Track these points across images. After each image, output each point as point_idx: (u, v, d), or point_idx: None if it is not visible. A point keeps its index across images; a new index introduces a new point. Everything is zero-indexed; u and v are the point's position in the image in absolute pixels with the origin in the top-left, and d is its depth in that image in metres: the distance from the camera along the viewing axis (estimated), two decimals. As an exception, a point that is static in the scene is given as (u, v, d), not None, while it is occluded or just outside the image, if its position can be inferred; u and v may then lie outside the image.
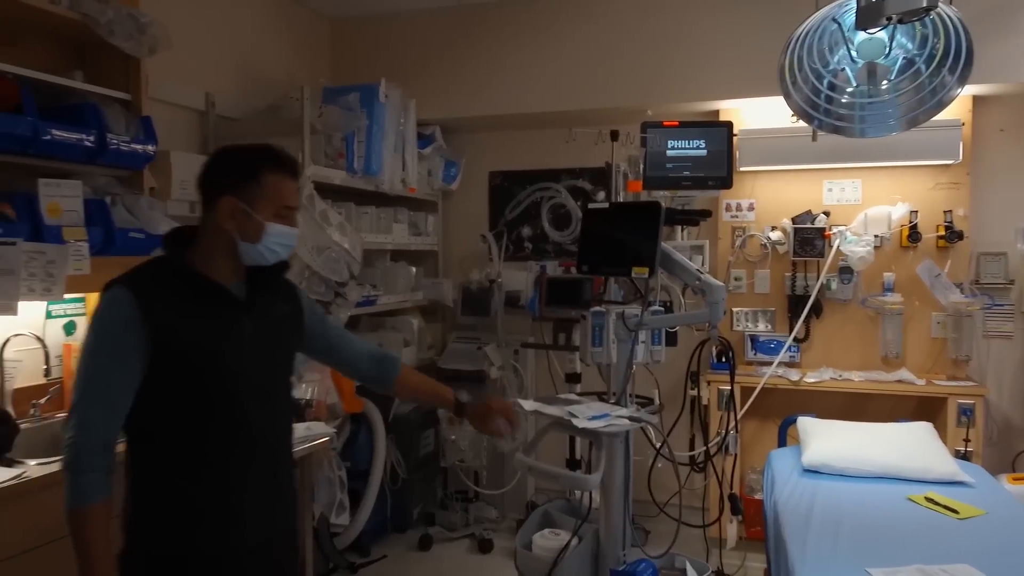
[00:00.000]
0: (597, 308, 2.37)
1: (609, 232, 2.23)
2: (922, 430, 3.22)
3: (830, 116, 2.46)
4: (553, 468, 1.98)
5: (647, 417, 2.04)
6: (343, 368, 1.96)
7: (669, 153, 3.40)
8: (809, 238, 3.72)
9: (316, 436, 2.72)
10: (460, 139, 4.50)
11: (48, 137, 2.27)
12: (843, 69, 2.44)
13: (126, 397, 1.50)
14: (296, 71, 4.01)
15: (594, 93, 3.90)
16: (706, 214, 2.74)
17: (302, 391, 3.13)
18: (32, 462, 2.09)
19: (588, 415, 1.85)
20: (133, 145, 2.55)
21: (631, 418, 1.92)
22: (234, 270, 1.62)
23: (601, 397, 3.29)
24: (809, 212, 3.79)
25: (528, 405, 2.02)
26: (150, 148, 2.62)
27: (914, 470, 2.94)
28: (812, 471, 3.01)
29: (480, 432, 1.99)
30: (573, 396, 2.17)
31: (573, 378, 3.77)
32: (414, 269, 4.18)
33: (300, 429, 2.71)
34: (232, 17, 3.63)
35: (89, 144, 2.41)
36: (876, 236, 3.69)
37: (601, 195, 4.02)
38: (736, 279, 3.94)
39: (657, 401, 2.82)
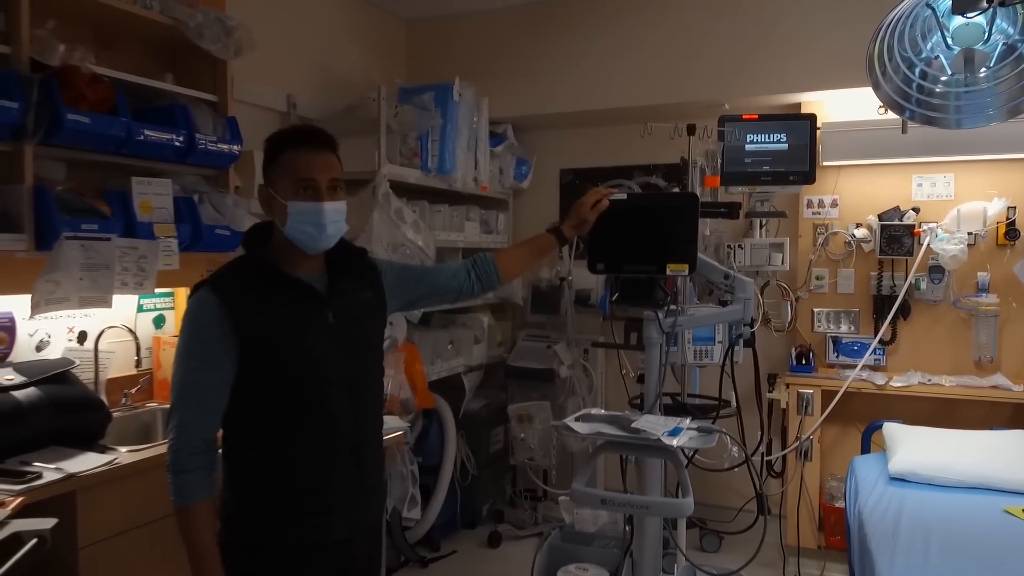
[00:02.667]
0: (672, 307, 2.31)
1: (632, 227, 1.97)
2: (1020, 438, 3.04)
3: (923, 107, 2.34)
4: (643, 498, 1.78)
5: (717, 428, 1.93)
6: (446, 296, 1.94)
7: (748, 148, 3.31)
8: (897, 235, 3.55)
9: (391, 430, 2.74)
10: (531, 137, 4.49)
11: (141, 137, 2.37)
12: (937, 57, 2.31)
13: (220, 396, 1.54)
14: (373, 72, 4.08)
15: (669, 87, 3.83)
16: (736, 206, 2.58)
17: (376, 386, 3.18)
18: (123, 449, 2.18)
19: (664, 431, 1.69)
20: (220, 145, 2.63)
21: (704, 429, 1.80)
22: (313, 260, 1.63)
23: (674, 398, 3.23)
24: (897, 208, 3.62)
25: (582, 428, 1.80)
26: (235, 148, 2.70)
27: (1011, 481, 2.77)
28: (899, 479, 2.88)
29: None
30: (600, 411, 1.95)
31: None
32: (485, 267, 4.19)
33: (375, 423, 2.75)
34: (312, 21, 3.72)
35: (179, 144, 2.50)
36: (970, 233, 3.49)
37: (676, 189, 3.94)
38: (818, 278, 3.79)
39: (734, 403, 2.73)
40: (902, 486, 2.83)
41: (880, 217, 3.64)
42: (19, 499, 1.70)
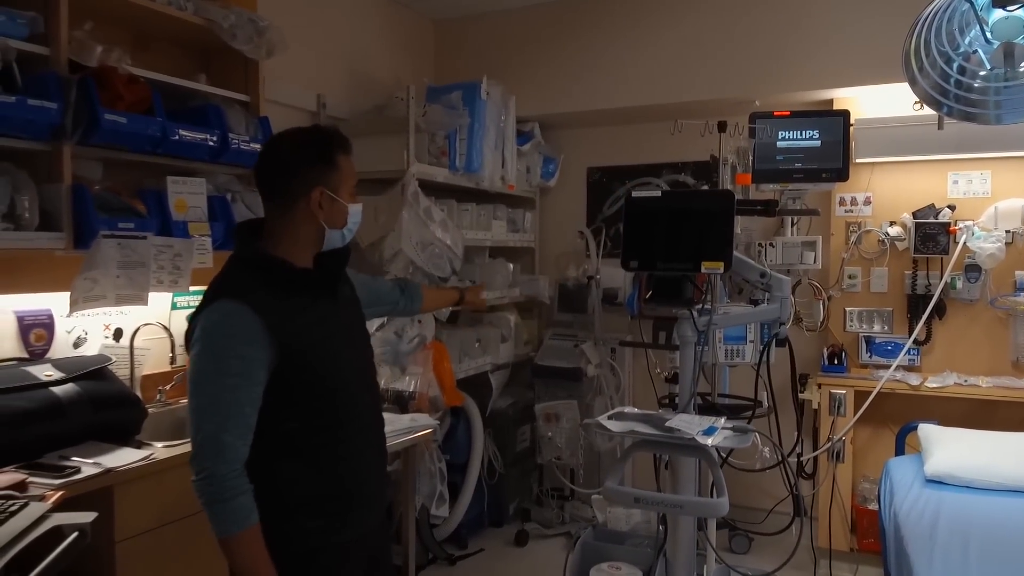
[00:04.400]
0: (706, 305, 2.29)
1: (666, 224, 1.96)
2: (1061, 441, 2.96)
3: (961, 102, 2.29)
4: (677, 497, 1.76)
5: (752, 428, 1.90)
6: (383, 307, 2.10)
7: (780, 145, 3.27)
8: (932, 233, 3.49)
9: (420, 428, 2.76)
10: (559, 135, 4.48)
11: (176, 137, 2.40)
12: (976, 51, 2.26)
13: (255, 411, 1.47)
14: (402, 72, 4.10)
15: (698, 84, 3.79)
16: (772, 204, 2.55)
17: (405, 383, 3.19)
18: (159, 444, 2.21)
19: (698, 430, 1.67)
20: (252, 144, 2.66)
21: (739, 429, 1.77)
22: (310, 260, 1.63)
23: (704, 398, 3.21)
24: (932, 206, 3.55)
25: (615, 426, 1.78)
26: (267, 147, 2.72)
27: (1052, 484, 2.71)
28: (936, 481, 2.83)
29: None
30: (633, 409, 1.94)
31: (675, 379, 3.68)
32: (511, 265, 4.20)
33: (404, 420, 2.76)
34: (341, 21, 3.74)
35: (212, 144, 2.53)
36: (1007, 232, 3.41)
37: (706, 187, 3.91)
38: (850, 277, 3.73)
39: (766, 404, 2.70)
40: (939, 488, 2.78)
41: (915, 215, 3.58)
42: (59, 493, 1.73)
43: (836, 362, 3.64)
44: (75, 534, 1.41)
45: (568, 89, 4.11)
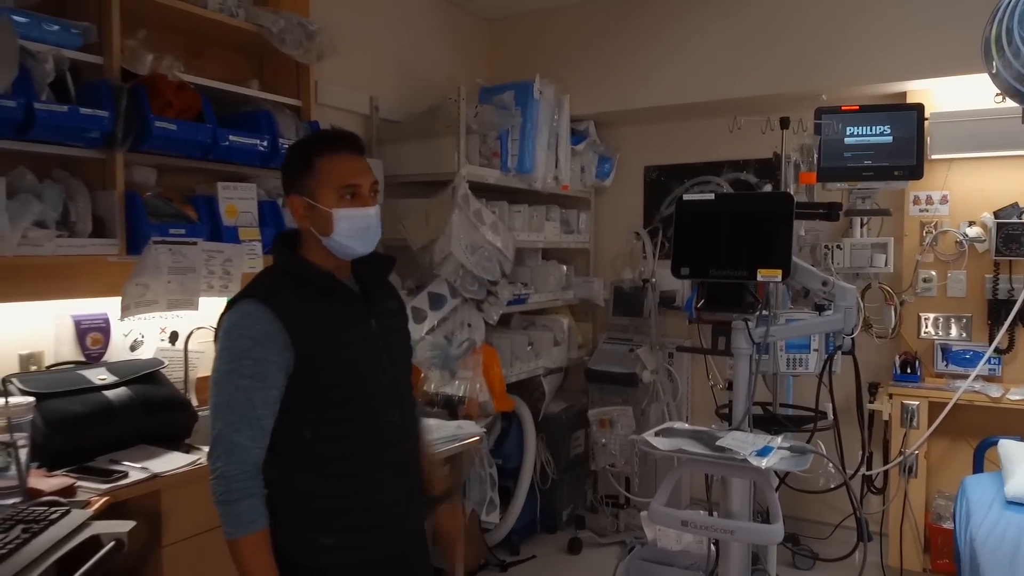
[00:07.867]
0: (764, 314, 2.18)
1: (719, 229, 1.87)
2: None
3: (1048, 93, 2.12)
4: (728, 522, 1.64)
5: (811, 447, 1.78)
6: None
7: (847, 141, 3.11)
8: (1015, 234, 3.25)
9: (467, 435, 2.72)
10: (614, 133, 4.38)
11: (226, 143, 2.42)
12: (1065, 38, 2.08)
13: (271, 415, 1.45)
14: (455, 72, 4.06)
15: (760, 78, 3.63)
16: (836, 207, 2.38)
17: (454, 388, 3.16)
18: (207, 448, 2.21)
19: (751, 451, 1.55)
20: (301, 149, 2.65)
21: (797, 449, 1.65)
22: (344, 269, 1.57)
23: (765, 408, 3.07)
24: (1015, 205, 3.31)
25: (663, 444, 1.69)
26: (317, 152, 2.72)
27: None
28: (1017, 503, 2.62)
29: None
30: (684, 425, 1.80)
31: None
32: (565, 268, 4.12)
33: (451, 427, 2.73)
34: (394, 22, 3.73)
35: (263, 149, 2.54)
36: (1100, 232, 3.16)
37: (768, 187, 3.74)
38: (925, 281, 3.52)
39: (830, 416, 2.56)
40: (1020, 511, 2.58)
41: (996, 214, 3.34)
42: (103, 499, 1.75)
43: (909, 371, 3.44)
44: (111, 544, 1.41)
45: (624, 86, 4.00)
